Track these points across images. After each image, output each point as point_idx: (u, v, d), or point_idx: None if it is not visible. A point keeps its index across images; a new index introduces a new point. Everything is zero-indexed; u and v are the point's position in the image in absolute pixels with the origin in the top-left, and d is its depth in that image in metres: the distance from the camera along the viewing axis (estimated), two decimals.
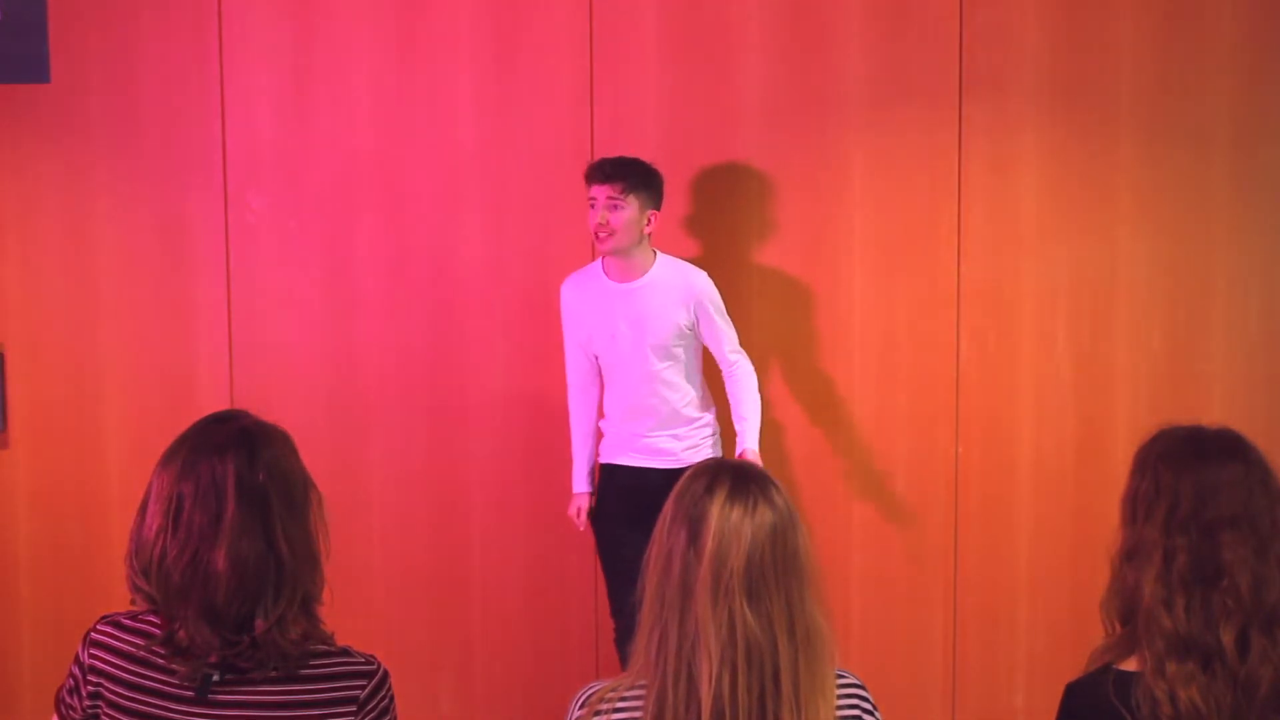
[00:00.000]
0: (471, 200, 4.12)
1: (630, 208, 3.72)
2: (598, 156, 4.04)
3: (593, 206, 3.74)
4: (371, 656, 2.00)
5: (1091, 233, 4.06)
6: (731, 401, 3.86)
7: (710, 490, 1.82)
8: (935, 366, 4.10)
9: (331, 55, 4.09)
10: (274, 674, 1.91)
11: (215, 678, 1.90)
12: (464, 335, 4.14)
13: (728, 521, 1.79)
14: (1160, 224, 4.06)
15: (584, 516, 3.91)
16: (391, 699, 2.00)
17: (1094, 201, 4.06)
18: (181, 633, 1.90)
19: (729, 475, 1.84)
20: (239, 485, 1.91)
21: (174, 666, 1.91)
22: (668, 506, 1.86)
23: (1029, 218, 4.07)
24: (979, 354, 4.09)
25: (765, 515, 1.80)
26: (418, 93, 4.10)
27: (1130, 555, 2.03)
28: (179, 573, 1.89)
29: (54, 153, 4.10)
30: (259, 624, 1.89)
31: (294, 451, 2.01)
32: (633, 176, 3.73)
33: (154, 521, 1.92)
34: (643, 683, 1.81)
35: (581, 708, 1.85)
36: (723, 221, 4.09)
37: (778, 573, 1.78)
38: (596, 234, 3.74)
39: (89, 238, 4.12)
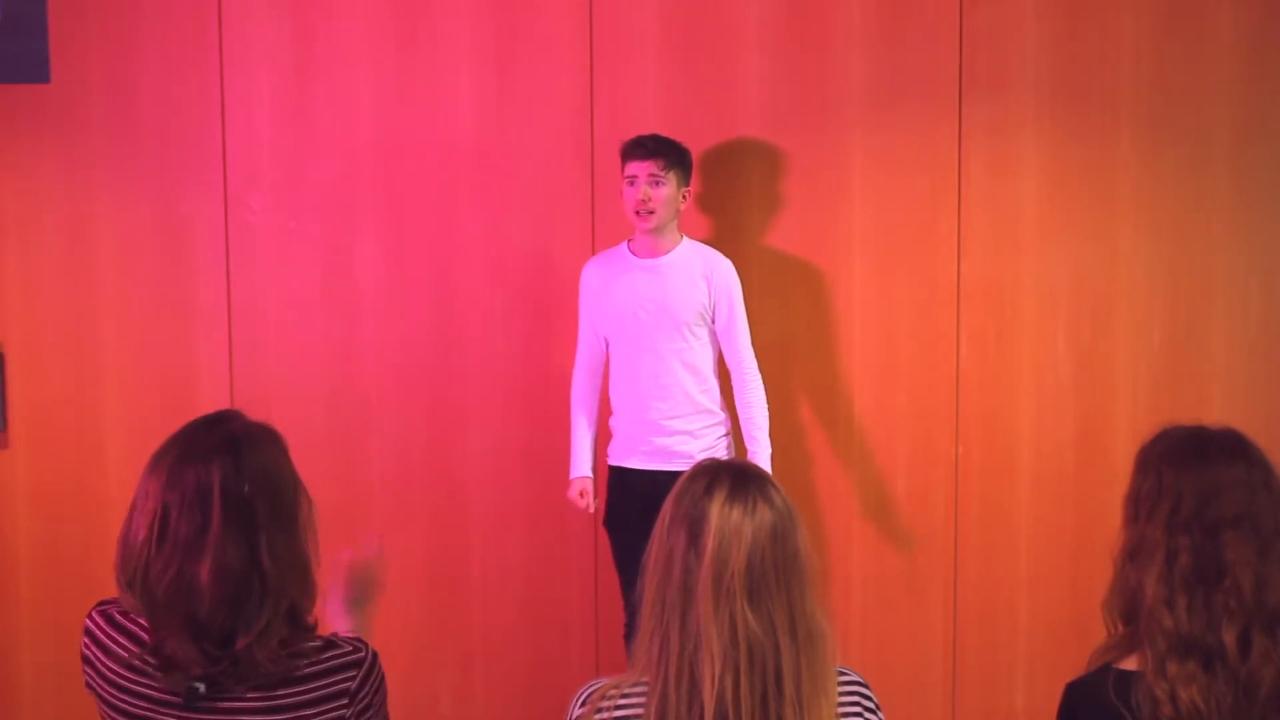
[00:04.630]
0: (471, 200, 4.12)
1: (669, 184, 3.74)
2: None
3: (632, 184, 3.74)
4: (359, 642, 1.99)
5: (1091, 233, 4.06)
6: (743, 416, 3.85)
7: (710, 491, 1.81)
8: (935, 366, 4.10)
9: (331, 55, 4.09)
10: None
11: (201, 689, 1.88)
12: (464, 335, 4.14)
13: (728, 522, 1.78)
14: (1160, 224, 4.06)
15: (589, 499, 3.86)
16: (382, 680, 1.99)
17: (1094, 202, 4.06)
18: (168, 643, 1.88)
19: (728, 475, 1.84)
20: (224, 495, 1.88)
21: (160, 674, 1.89)
22: (666, 507, 1.85)
23: (1029, 218, 4.07)
24: (979, 354, 4.09)
25: (765, 515, 1.80)
26: (418, 93, 4.10)
27: (1133, 555, 2.03)
28: (163, 587, 1.87)
29: (54, 153, 4.10)
30: (240, 640, 1.87)
31: (284, 453, 1.99)
32: (673, 153, 3.76)
33: (139, 532, 1.90)
34: (645, 680, 1.81)
35: (583, 705, 1.85)
36: (722, 221, 4.09)
37: (779, 573, 1.78)
38: (637, 211, 3.73)
39: (89, 238, 4.12)
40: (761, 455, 3.79)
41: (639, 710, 1.80)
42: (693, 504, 1.81)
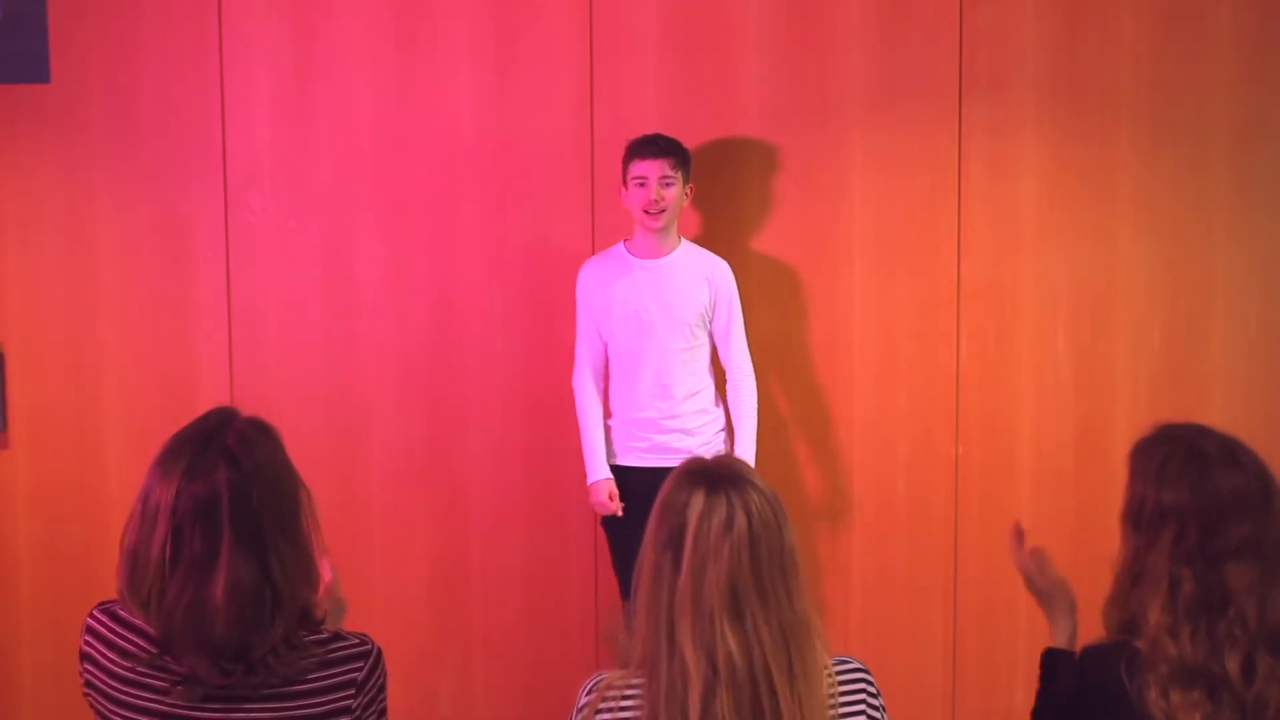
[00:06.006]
0: (471, 200, 4.12)
1: (678, 184, 3.77)
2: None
3: (642, 185, 3.74)
4: (364, 636, 2.01)
5: (1091, 233, 4.06)
6: (733, 419, 3.87)
7: (688, 504, 1.80)
8: (935, 366, 4.10)
9: (331, 55, 4.09)
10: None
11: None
12: (464, 335, 4.14)
13: (705, 540, 1.77)
14: (1160, 224, 4.06)
15: (617, 500, 3.84)
16: (384, 674, 2.02)
17: (1094, 201, 4.06)
18: (183, 661, 1.89)
19: (705, 482, 1.82)
20: (233, 508, 1.88)
21: (174, 675, 1.90)
22: (654, 513, 1.85)
23: (1029, 218, 4.07)
24: (979, 354, 4.09)
25: (741, 523, 1.78)
26: (418, 93, 4.10)
27: (1135, 580, 2.02)
28: (181, 611, 1.87)
29: (54, 153, 4.10)
30: (256, 653, 1.88)
31: (280, 447, 1.99)
32: (680, 152, 3.79)
33: (152, 549, 1.89)
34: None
35: (590, 693, 1.87)
36: (722, 221, 4.09)
37: (760, 581, 1.76)
38: (647, 211, 3.74)
39: (89, 238, 4.12)
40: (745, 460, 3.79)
41: (639, 713, 1.81)
42: (676, 516, 1.81)
